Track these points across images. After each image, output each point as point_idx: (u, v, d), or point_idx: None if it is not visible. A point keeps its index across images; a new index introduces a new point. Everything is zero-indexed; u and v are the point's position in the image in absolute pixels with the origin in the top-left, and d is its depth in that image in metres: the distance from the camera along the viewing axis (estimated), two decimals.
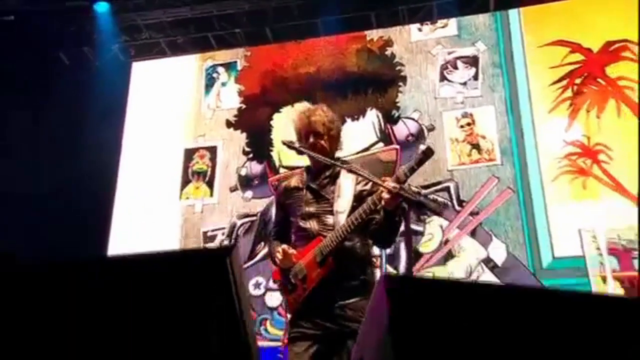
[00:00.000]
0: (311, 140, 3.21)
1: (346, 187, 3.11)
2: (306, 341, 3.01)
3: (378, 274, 6.86)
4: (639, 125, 7.34)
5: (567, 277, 7.31)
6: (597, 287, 7.11)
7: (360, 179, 3.12)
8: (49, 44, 8.84)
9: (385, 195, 2.76)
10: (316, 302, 3.00)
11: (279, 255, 3.09)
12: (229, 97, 9.51)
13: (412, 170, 2.89)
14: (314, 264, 2.93)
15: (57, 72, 9.20)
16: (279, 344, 7.71)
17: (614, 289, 7.07)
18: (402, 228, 3.03)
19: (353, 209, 2.99)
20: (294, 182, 3.31)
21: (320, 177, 3.20)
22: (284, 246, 3.10)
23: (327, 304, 2.97)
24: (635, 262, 7.10)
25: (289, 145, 3.20)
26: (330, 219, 3.05)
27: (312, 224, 3.09)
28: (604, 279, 7.13)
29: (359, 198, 3.04)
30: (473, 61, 8.66)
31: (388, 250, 7.87)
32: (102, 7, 8.64)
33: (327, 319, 2.96)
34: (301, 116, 3.32)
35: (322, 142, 3.18)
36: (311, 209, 3.13)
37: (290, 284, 3.03)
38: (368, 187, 3.13)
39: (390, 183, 2.83)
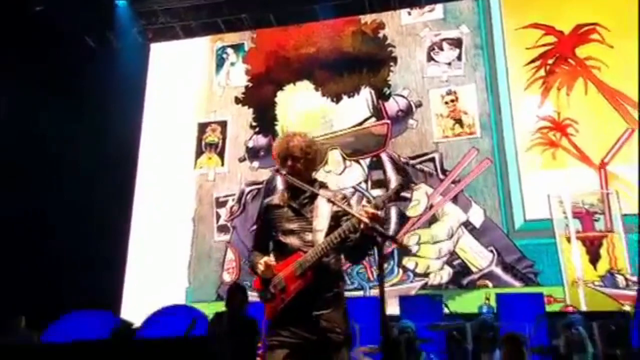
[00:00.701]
0: (289, 163, 3.20)
1: (323, 207, 3.15)
2: (285, 349, 3.00)
3: None
4: None
5: (537, 238, 7.83)
6: (562, 246, 7.65)
7: (337, 199, 3.17)
8: (75, 30, 9.27)
9: (365, 221, 2.84)
10: (294, 312, 2.99)
11: (261, 267, 3.09)
12: (237, 75, 9.92)
13: (390, 200, 3.08)
14: (293, 277, 2.99)
15: (83, 54, 9.62)
16: None
17: (577, 248, 7.60)
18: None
19: (330, 227, 3.05)
20: (276, 199, 3.30)
21: (300, 197, 3.21)
22: (266, 258, 3.12)
23: (303, 314, 2.97)
24: (596, 224, 7.63)
25: (277, 172, 3.34)
26: (309, 236, 3.10)
27: (292, 240, 3.13)
28: (569, 239, 7.66)
29: (335, 217, 3.10)
30: (457, 43, 9.02)
31: (381, 212, 8.43)
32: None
33: (304, 328, 2.97)
34: (281, 142, 3.32)
35: (299, 165, 3.18)
36: (291, 226, 3.16)
37: (270, 294, 3.06)
38: (342, 208, 3.17)
39: (369, 208, 2.88)
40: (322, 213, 3.06)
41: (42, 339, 7.23)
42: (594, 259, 7.50)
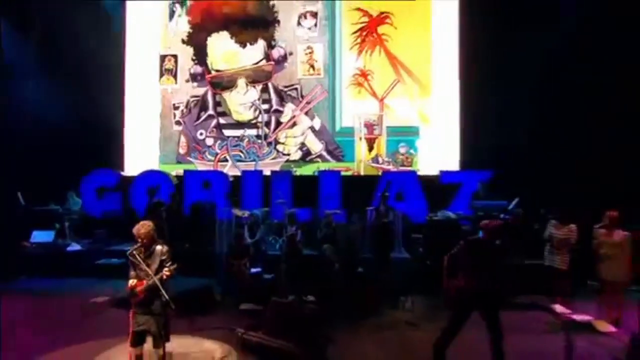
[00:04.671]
0: (139, 240, 4.60)
1: (156, 259, 4.65)
2: (139, 317, 4.65)
3: None
4: None
5: (346, 137, 11.50)
6: (356, 146, 11.37)
7: (161, 252, 4.63)
8: None
9: (168, 271, 4.53)
10: (141, 304, 4.60)
11: (129, 286, 4.64)
12: (183, 24, 12.28)
13: (163, 280, 4.51)
14: (142, 292, 4.55)
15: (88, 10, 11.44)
16: (211, 164, 11.97)
17: (363, 143, 11.34)
18: None
19: (159, 268, 4.58)
20: (136, 252, 4.61)
21: (147, 252, 4.63)
22: (131, 282, 4.63)
23: (145, 305, 4.60)
24: (375, 131, 11.32)
25: (130, 254, 4.63)
26: (150, 271, 4.53)
27: (141, 274, 4.59)
28: (360, 138, 11.38)
29: (160, 264, 4.59)
30: (315, 15, 11.73)
31: (266, 118, 11.87)
32: None
33: (146, 311, 4.61)
34: (137, 227, 4.67)
35: (145, 240, 4.60)
36: (142, 266, 4.56)
37: (132, 297, 4.62)
38: (165, 257, 4.64)
39: (167, 271, 4.51)
40: (154, 262, 4.67)
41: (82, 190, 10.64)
42: (370, 149, 11.36)
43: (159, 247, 4.69)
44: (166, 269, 4.57)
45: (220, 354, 5.34)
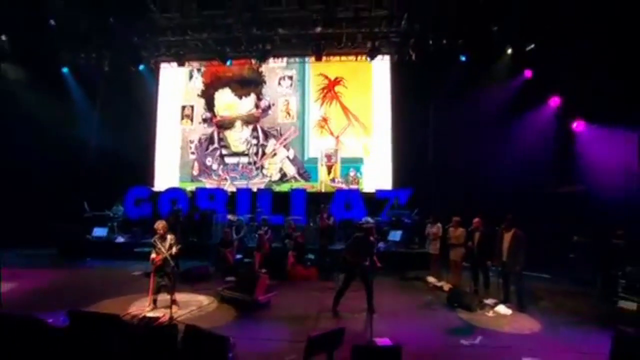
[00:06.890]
0: (158, 231, 6.37)
1: (167, 243, 6.30)
2: (158, 277, 6.39)
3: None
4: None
5: (312, 164, 13.43)
6: (319, 170, 13.33)
7: (170, 239, 6.35)
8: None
9: (175, 250, 6.41)
10: (159, 269, 6.29)
11: (151, 258, 6.39)
12: (198, 83, 14.33)
13: (173, 255, 6.48)
14: (160, 259, 6.22)
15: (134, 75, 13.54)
16: (216, 182, 13.88)
17: (324, 168, 13.32)
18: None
19: (169, 248, 6.29)
20: (156, 239, 6.37)
21: (162, 238, 6.28)
22: (153, 255, 6.37)
23: (162, 270, 6.31)
24: (332, 159, 13.34)
25: (155, 242, 6.38)
26: (164, 250, 6.24)
27: (161, 251, 6.26)
28: (322, 164, 13.38)
29: (170, 246, 6.27)
30: (291, 77, 13.78)
31: (255, 150, 13.88)
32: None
33: (162, 274, 6.33)
34: (157, 223, 6.46)
35: (161, 231, 6.31)
36: (159, 246, 6.27)
37: (154, 265, 6.35)
38: (173, 242, 6.35)
39: (173, 250, 6.36)
40: (166, 244, 6.38)
41: (125, 200, 12.46)
42: (329, 172, 13.30)
43: (169, 236, 6.51)
44: (174, 248, 6.43)
45: (207, 302, 7.34)
